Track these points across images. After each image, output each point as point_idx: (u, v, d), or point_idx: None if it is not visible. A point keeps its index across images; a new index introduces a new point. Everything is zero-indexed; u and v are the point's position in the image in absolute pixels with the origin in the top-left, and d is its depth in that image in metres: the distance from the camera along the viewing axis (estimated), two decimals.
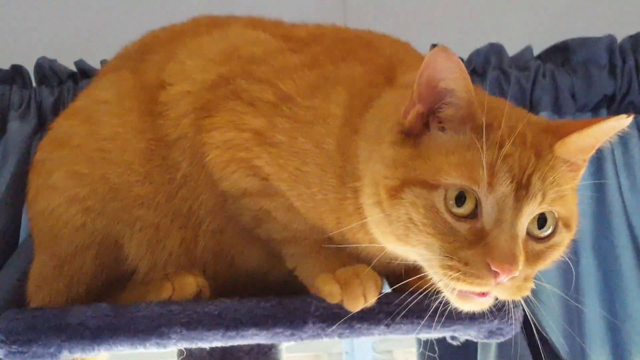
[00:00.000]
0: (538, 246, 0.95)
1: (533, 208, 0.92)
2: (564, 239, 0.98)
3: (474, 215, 0.91)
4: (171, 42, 1.22)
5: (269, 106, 1.10)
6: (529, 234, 0.94)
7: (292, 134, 1.07)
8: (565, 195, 0.95)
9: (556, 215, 0.95)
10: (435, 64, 0.92)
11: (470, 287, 0.91)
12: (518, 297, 0.95)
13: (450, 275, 0.91)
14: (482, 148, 0.90)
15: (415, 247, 0.94)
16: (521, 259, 0.89)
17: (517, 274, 0.89)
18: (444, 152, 0.93)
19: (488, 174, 0.90)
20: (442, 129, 0.96)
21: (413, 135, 0.96)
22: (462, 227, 0.92)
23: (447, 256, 0.92)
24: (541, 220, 0.94)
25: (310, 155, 1.06)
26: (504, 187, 0.90)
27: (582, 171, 1.00)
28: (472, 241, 0.91)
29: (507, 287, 0.91)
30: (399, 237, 0.96)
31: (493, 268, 0.88)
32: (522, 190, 0.91)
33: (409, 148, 0.96)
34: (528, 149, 0.92)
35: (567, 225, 0.97)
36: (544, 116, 1.73)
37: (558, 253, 0.98)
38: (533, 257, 0.94)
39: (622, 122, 0.93)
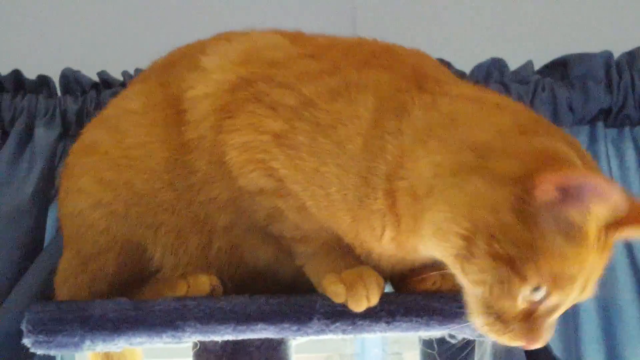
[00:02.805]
0: None
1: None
2: None
3: (538, 300, 0.98)
4: (194, 55, 1.24)
5: (289, 110, 1.11)
6: None
7: (312, 136, 1.09)
8: None
9: None
10: (606, 193, 0.92)
11: (502, 340, 1.01)
12: None
13: (489, 328, 1.00)
14: (578, 266, 0.95)
15: (468, 285, 1.01)
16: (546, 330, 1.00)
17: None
18: (549, 253, 0.94)
19: (569, 284, 0.96)
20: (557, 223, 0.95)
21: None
22: (523, 304, 0.98)
23: (493, 314, 0.99)
24: None
25: (330, 155, 1.08)
26: (574, 295, 0.98)
27: None
28: (522, 317, 0.98)
29: None
30: (459, 270, 1.00)
31: (524, 344, 0.99)
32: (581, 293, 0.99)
33: (522, 222, 0.95)
34: (602, 256, 0.97)
35: None
36: None
37: None
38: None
39: None
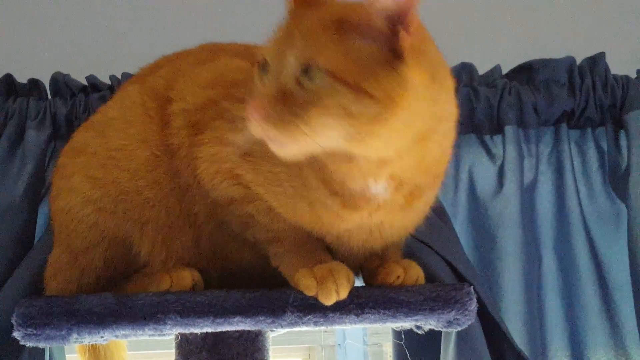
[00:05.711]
0: (301, 91, 0.99)
1: (289, 58, 1.00)
2: (332, 91, 0.98)
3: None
4: (172, 76, 1.29)
5: (244, 122, 1.13)
6: (301, 84, 1.00)
7: (261, 142, 1.13)
8: (332, 48, 0.99)
9: (318, 65, 0.98)
10: None
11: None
12: (278, 130, 1.01)
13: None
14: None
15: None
16: (266, 99, 1.01)
17: (262, 111, 1.00)
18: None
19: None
20: None
21: None
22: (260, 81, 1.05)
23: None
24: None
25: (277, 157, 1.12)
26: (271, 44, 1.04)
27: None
28: None
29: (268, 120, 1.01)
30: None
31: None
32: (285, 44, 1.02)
33: None
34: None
35: (336, 77, 0.98)
36: (509, 130, 1.79)
37: (324, 104, 0.98)
38: (293, 100, 0.99)
39: None
